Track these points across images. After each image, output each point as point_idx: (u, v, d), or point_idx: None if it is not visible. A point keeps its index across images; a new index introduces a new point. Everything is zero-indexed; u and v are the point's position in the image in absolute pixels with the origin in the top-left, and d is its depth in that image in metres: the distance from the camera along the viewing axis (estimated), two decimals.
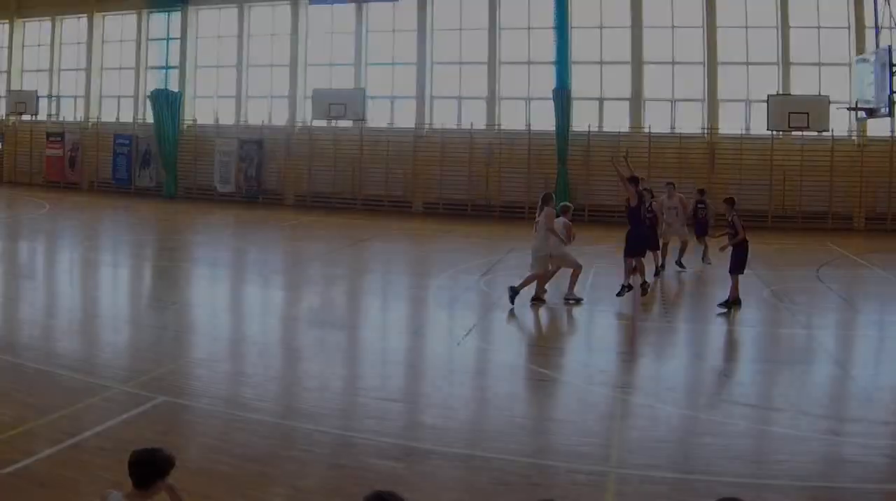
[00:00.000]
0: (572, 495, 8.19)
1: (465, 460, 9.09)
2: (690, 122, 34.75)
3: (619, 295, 17.45)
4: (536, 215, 17.49)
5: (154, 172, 41.57)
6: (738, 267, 16.88)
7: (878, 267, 23.30)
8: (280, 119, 40.05)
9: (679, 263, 21.38)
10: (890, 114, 25.96)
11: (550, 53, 34.94)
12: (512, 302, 16.46)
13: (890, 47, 25.07)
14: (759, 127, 33.46)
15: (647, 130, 34.32)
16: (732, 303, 16.69)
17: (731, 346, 15.26)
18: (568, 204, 19.09)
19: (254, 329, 15.50)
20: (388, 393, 11.57)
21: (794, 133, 32.71)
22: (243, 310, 17.73)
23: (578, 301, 17.30)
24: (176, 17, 41.33)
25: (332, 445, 9.41)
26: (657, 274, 20.13)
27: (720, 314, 16.53)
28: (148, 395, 10.61)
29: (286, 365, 13.17)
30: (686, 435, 10.18)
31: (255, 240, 27.42)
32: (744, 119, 34.37)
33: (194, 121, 41.64)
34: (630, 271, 17.62)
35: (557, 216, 17.62)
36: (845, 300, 18.87)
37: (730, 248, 17.12)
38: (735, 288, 16.77)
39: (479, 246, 26.94)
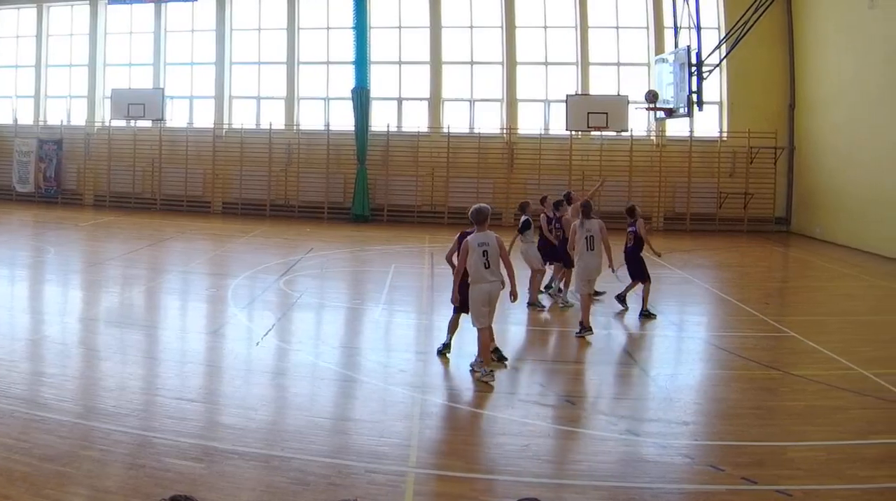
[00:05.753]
0: (371, 495, 8.28)
1: (265, 460, 9.12)
2: (489, 122, 35.64)
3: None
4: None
5: None
6: (644, 273, 17.22)
7: (676, 266, 23.80)
8: (79, 119, 39.29)
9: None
10: (689, 114, 26.80)
11: (349, 53, 35.39)
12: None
13: (689, 47, 25.80)
14: (558, 127, 34.42)
15: (445, 130, 35.15)
16: (649, 312, 16.78)
17: (529, 346, 15.31)
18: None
19: (53, 329, 15.21)
20: (188, 393, 11.49)
21: (593, 133, 33.62)
22: (42, 310, 17.34)
23: None
24: None
25: (132, 445, 9.33)
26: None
27: (644, 316, 16.75)
28: None
29: (85, 364, 12.98)
30: (485, 436, 10.38)
31: (53, 240, 26.75)
32: (542, 119, 35.35)
33: None
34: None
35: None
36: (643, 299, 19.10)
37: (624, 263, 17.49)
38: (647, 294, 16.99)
39: (279, 246, 27.23)
